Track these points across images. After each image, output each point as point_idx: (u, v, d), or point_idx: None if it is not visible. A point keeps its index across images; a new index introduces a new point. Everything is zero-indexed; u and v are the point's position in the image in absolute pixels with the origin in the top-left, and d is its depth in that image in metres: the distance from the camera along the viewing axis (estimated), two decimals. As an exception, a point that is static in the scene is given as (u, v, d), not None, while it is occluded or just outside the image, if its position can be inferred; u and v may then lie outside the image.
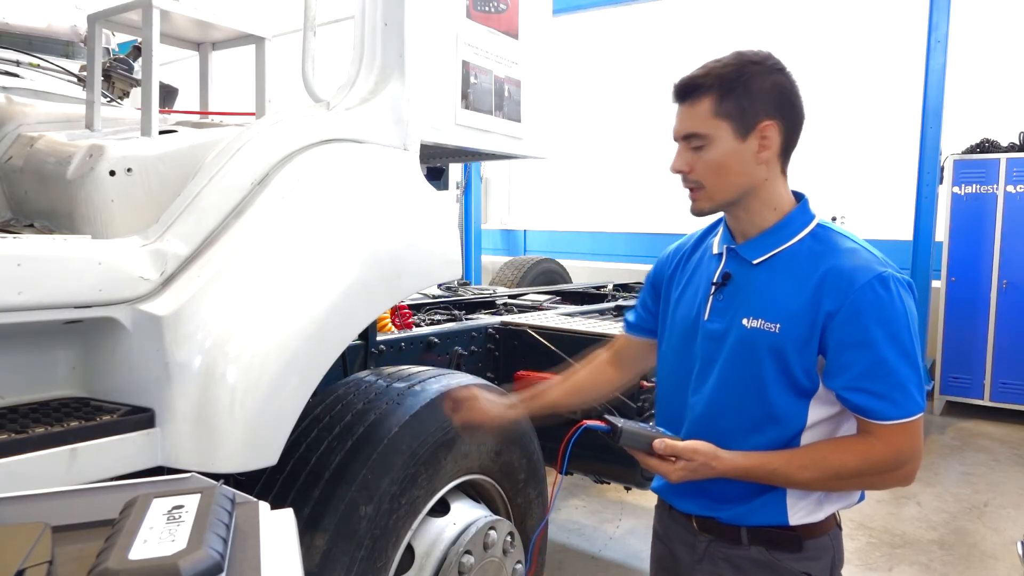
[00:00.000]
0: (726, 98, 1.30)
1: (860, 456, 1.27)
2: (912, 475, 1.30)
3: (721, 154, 1.31)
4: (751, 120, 1.30)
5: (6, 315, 1.20)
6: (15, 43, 2.62)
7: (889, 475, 1.29)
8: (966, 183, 5.89)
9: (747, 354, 1.33)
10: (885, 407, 1.24)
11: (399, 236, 1.74)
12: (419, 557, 1.78)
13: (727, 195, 1.35)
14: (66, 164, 1.55)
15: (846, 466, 1.28)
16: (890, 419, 1.24)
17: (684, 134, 1.34)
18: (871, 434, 1.27)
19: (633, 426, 1.32)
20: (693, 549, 1.44)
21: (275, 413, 1.39)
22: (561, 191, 9.37)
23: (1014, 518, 4.01)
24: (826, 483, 1.31)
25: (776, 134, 1.32)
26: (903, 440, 1.26)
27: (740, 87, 1.29)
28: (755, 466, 1.29)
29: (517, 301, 4.24)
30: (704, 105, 1.30)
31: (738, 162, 1.32)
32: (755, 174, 1.34)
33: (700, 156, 1.33)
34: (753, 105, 1.30)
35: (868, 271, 1.26)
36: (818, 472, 1.28)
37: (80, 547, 0.69)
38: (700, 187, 1.35)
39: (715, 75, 1.30)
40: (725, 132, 1.30)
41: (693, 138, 1.33)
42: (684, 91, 1.34)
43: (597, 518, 4.00)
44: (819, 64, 7.15)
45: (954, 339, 6.04)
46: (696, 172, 1.34)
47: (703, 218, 1.45)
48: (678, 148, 1.37)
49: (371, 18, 1.85)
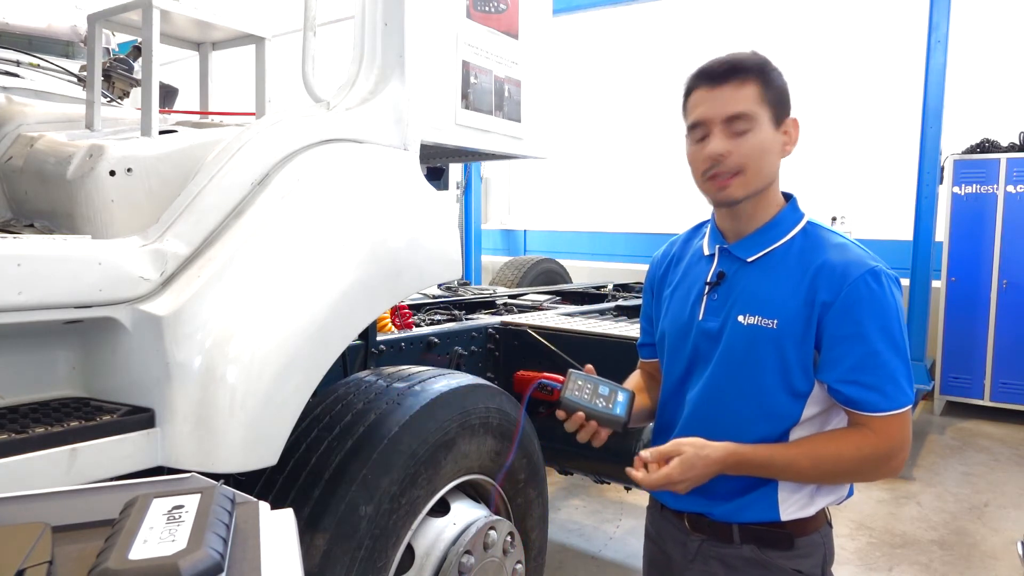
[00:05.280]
0: (769, 86, 1.30)
1: (854, 447, 1.28)
2: (901, 466, 1.31)
3: (764, 139, 1.30)
4: (783, 113, 1.32)
5: (6, 315, 1.20)
6: (15, 43, 2.62)
7: (883, 466, 1.30)
8: (966, 183, 5.89)
9: (743, 351, 1.34)
10: (877, 399, 1.26)
11: (399, 236, 1.74)
12: (419, 557, 1.78)
13: (762, 182, 1.33)
14: (66, 164, 1.55)
15: (841, 457, 1.28)
16: (882, 411, 1.26)
17: (730, 115, 1.28)
18: (864, 426, 1.28)
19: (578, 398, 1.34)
20: (685, 548, 1.45)
21: (275, 413, 1.39)
22: (561, 191, 9.37)
23: (1014, 518, 4.01)
24: (820, 474, 1.31)
25: (796, 130, 1.35)
26: (895, 431, 1.27)
27: (776, 79, 1.31)
28: (749, 452, 1.30)
29: (517, 301, 4.24)
30: (751, 87, 1.28)
31: (773, 152, 1.33)
32: (777, 167, 1.36)
33: (743, 139, 1.29)
34: (783, 99, 1.32)
35: (861, 265, 1.28)
36: (812, 463, 1.29)
37: (80, 547, 0.69)
38: (739, 172, 1.30)
39: (757, 62, 1.30)
40: (767, 118, 1.30)
41: (739, 120, 1.28)
42: (730, 71, 1.29)
43: (597, 518, 4.00)
44: (820, 64, 7.16)
45: (954, 339, 6.04)
46: (737, 156, 1.29)
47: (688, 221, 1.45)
48: (715, 132, 1.30)
49: (371, 18, 1.85)
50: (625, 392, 1.39)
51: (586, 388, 1.36)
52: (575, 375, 1.38)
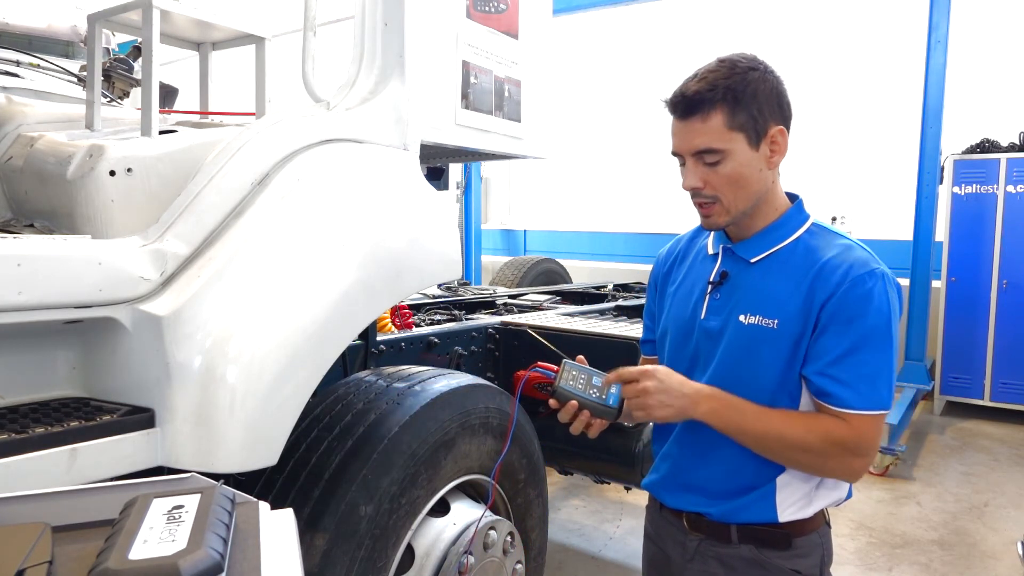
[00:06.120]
0: (737, 110, 1.27)
1: (825, 427, 1.26)
2: (863, 470, 1.30)
3: (738, 166, 1.29)
4: (762, 128, 1.29)
5: (6, 315, 1.20)
6: (15, 43, 2.62)
7: (847, 458, 1.27)
8: (966, 183, 5.90)
9: (743, 350, 1.34)
10: (848, 395, 1.25)
11: (399, 236, 1.74)
12: (419, 557, 1.78)
13: (744, 206, 1.33)
14: (66, 164, 1.55)
15: (810, 430, 1.26)
16: (851, 408, 1.25)
17: (697, 150, 1.30)
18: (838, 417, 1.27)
19: (572, 387, 1.35)
20: (684, 548, 1.45)
21: (275, 413, 1.39)
22: (561, 191, 9.37)
23: (1014, 518, 4.01)
24: (784, 442, 1.28)
25: (784, 138, 1.32)
26: (863, 431, 1.25)
27: (748, 96, 1.27)
28: (726, 394, 1.31)
29: (517, 301, 4.24)
30: (716, 119, 1.27)
31: (754, 172, 1.31)
32: (766, 180, 1.34)
33: (715, 171, 1.29)
34: (762, 113, 1.28)
35: (861, 266, 1.27)
36: (782, 423, 1.27)
37: (80, 547, 0.69)
38: (716, 201, 1.32)
39: (722, 87, 1.26)
40: (740, 144, 1.28)
41: (708, 153, 1.29)
42: (691, 106, 1.28)
43: (597, 518, 4.00)
44: (819, 64, 7.16)
45: (954, 339, 6.04)
46: (711, 187, 1.30)
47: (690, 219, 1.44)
48: (688, 164, 1.32)
49: (371, 18, 1.85)
50: (618, 384, 1.40)
51: (580, 378, 1.37)
52: (569, 365, 1.39)
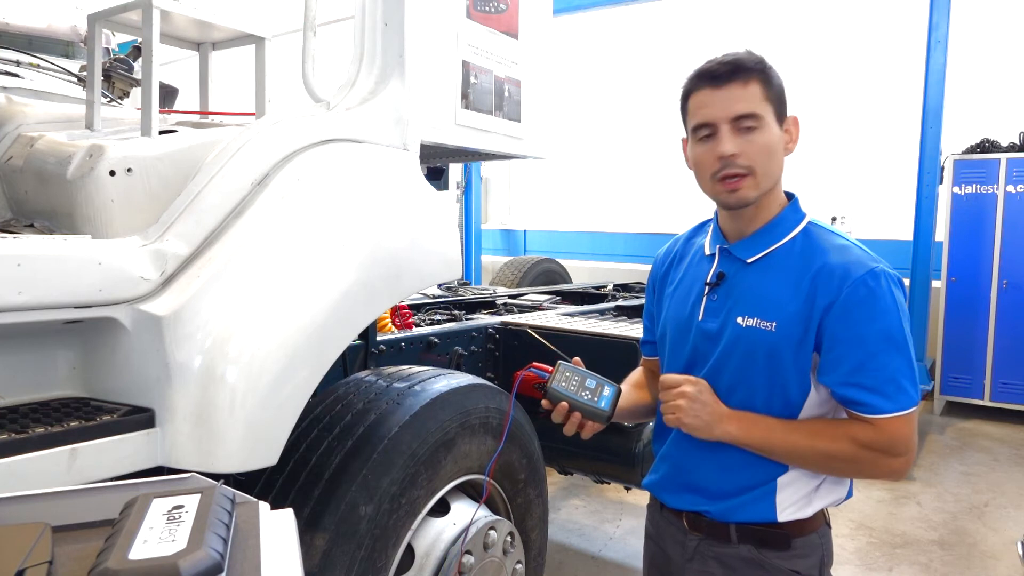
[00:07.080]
0: (769, 84, 1.30)
1: (851, 434, 1.27)
2: (906, 467, 1.30)
3: (771, 138, 1.30)
4: (784, 111, 1.33)
5: (6, 315, 1.20)
6: (15, 43, 2.62)
7: (881, 461, 1.27)
8: (966, 183, 5.89)
9: (741, 353, 1.34)
10: (877, 401, 1.25)
11: (399, 236, 1.74)
12: (419, 557, 1.78)
13: (771, 182, 1.33)
14: (66, 164, 1.55)
15: (836, 436, 1.27)
16: (883, 413, 1.25)
17: (738, 114, 1.27)
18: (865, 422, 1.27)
19: (564, 388, 1.36)
20: (684, 548, 1.45)
21: (275, 413, 1.39)
22: (561, 191, 9.37)
23: (1014, 518, 4.01)
24: (816, 454, 1.29)
25: (797, 129, 1.35)
26: (896, 431, 1.25)
27: (775, 76, 1.31)
28: (753, 416, 1.31)
29: (517, 301, 4.24)
30: (755, 86, 1.28)
31: (780, 149, 1.33)
32: (783, 165, 1.35)
33: (751, 139, 1.28)
34: (783, 98, 1.33)
35: (861, 266, 1.27)
36: (809, 438, 1.28)
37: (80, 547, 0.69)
38: (749, 173, 1.29)
39: (755, 60, 1.30)
40: (771, 117, 1.30)
41: (746, 119, 1.27)
42: (734, 70, 1.28)
43: (597, 518, 4.00)
44: (820, 64, 7.16)
45: (954, 339, 6.03)
46: (747, 156, 1.28)
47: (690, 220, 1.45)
48: (722, 132, 1.29)
49: (371, 18, 1.85)
50: (611, 386, 1.40)
51: (573, 380, 1.37)
52: (564, 367, 1.39)
